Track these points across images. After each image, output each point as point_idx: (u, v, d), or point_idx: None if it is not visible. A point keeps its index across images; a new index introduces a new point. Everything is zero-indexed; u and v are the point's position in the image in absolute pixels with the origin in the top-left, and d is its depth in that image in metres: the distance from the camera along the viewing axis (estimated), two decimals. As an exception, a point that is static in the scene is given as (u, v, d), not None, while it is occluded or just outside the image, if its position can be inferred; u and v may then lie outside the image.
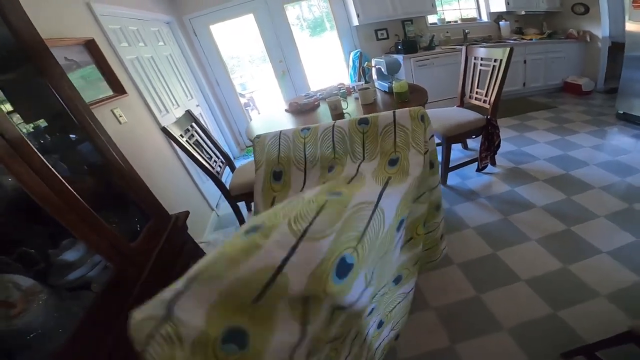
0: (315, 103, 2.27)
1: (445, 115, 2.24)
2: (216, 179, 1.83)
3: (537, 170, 2.32)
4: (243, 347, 0.45)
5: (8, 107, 0.93)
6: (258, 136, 1.11)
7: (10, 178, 0.74)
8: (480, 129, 2.14)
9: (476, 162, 2.33)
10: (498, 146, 2.22)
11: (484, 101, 2.17)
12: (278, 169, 1.05)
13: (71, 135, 1.08)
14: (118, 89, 1.81)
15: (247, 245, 0.52)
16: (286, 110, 2.27)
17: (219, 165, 2.02)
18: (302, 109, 2.19)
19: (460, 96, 2.44)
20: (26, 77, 0.92)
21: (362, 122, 1.00)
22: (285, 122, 2.07)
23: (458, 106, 2.45)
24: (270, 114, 2.37)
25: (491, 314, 1.36)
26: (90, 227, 0.83)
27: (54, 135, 1.06)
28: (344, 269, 0.55)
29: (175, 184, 2.20)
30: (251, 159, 1.11)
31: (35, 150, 0.72)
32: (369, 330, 0.83)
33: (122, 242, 0.92)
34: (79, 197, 0.81)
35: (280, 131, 1.08)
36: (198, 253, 1.35)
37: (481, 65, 2.22)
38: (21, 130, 0.96)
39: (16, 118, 0.95)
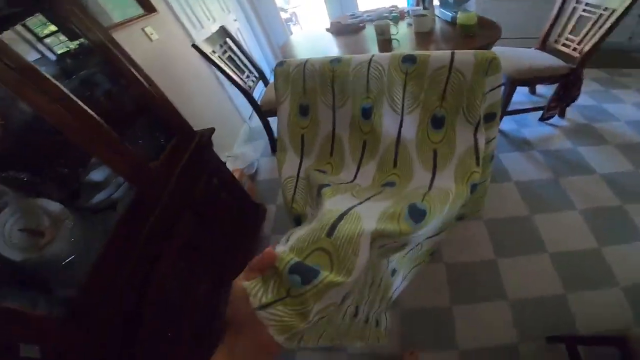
0: (361, 25, 1.98)
1: (517, 55, 1.88)
2: (247, 94, 1.83)
3: (611, 132, 1.97)
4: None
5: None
6: (281, 63, 0.94)
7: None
8: (558, 77, 1.78)
9: (541, 110, 2.02)
10: (574, 99, 1.87)
11: (574, 49, 1.78)
12: (304, 103, 0.92)
13: (94, 59, 1.04)
14: (148, 7, 1.73)
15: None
16: (327, 30, 2.03)
17: (252, 80, 2.02)
18: (344, 30, 1.94)
19: (544, 38, 2.02)
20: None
21: (408, 59, 0.79)
22: (325, 42, 1.88)
23: (537, 48, 2.05)
24: (310, 32, 2.17)
25: (500, 282, 1.32)
26: (112, 149, 0.83)
27: (77, 59, 1.03)
28: (417, 213, 0.55)
29: (209, 97, 2.21)
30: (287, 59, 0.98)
31: (47, 75, 0.70)
32: (383, 275, 0.83)
33: (143, 163, 0.93)
34: (100, 120, 0.80)
35: (307, 59, 0.91)
36: (221, 170, 1.37)
37: (584, 11, 1.78)
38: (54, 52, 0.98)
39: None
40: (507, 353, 1.14)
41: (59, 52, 1.01)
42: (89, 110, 0.77)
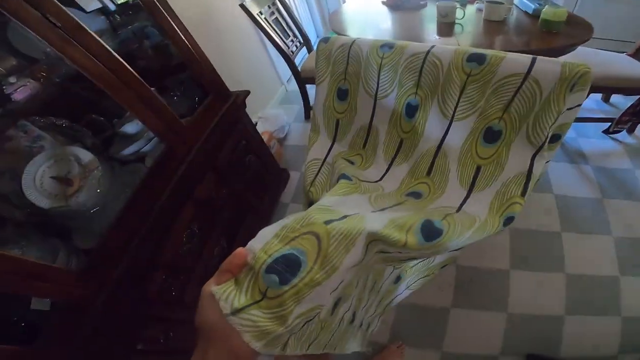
0: (422, 2, 1.82)
1: (601, 59, 1.66)
2: (288, 59, 1.83)
3: (680, 161, 1.73)
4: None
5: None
6: (325, 39, 0.85)
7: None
8: (642, 90, 1.55)
9: (608, 122, 1.80)
10: (653, 117, 1.64)
11: None
12: (344, 87, 0.84)
13: (141, 13, 1.07)
14: None
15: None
16: (383, 3, 1.90)
17: (296, 45, 2.00)
18: (403, 5, 1.79)
19: None
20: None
21: (475, 58, 0.64)
22: (378, 16, 1.77)
23: (629, 54, 1.78)
24: (365, 2, 2.03)
25: (506, 294, 1.29)
26: (146, 105, 0.85)
27: (124, 15, 1.06)
28: (431, 231, 0.50)
29: (249, 55, 2.20)
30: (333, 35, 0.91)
31: (90, 31, 0.71)
32: (385, 281, 0.82)
33: (176, 120, 0.95)
34: (136, 74, 0.82)
35: (354, 40, 0.81)
36: (252, 133, 1.37)
37: None
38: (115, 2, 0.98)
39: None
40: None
41: (119, 1, 1.02)
42: (127, 66, 0.80)
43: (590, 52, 1.75)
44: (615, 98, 2.18)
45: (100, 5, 0.98)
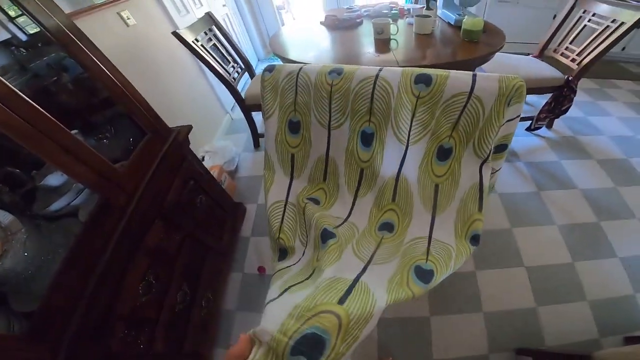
0: (358, 20, 1.89)
1: (515, 64, 1.87)
2: (230, 86, 1.75)
3: (595, 146, 2.00)
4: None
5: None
6: (270, 68, 0.80)
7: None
8: (552, 88, 1.77)
9: (529, 120, 2.02)
10: (565, 111, 1.86)
11: (573, 60, 1.76)
12: (295, 119, 0.79)
13: (52, 48, 0.95)
14: None
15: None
16: (321, 23, 1.94)
17: (237, 72, 1.92)
18: (340, 25, 1.85)
19: (543, 46, 2.01)
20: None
21: (422, 79, 0.66)
22: (318, 37, 1.79)
23: (534, 56, 2.03)
24: (303, 24, 2.06)
25: (478, 294, 1.34)
26: (68, 152, 0.73)
27: (37, 46, 0.93)
28: (423, 274, 0.56)
29: (189, 86, 2.10)
30: (276, 63, 0.85)
31: None
32: None
33: (108, 167, 0.83)
34: (52, 118, 0.70)
35: (301, 67, 0.78)
36: (199, 171, 1.28)
37: (589, 21, 1.75)
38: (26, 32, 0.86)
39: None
40: (478, 364, 1.16)
41: (31, 32, 0.91)
42: (40, 109, 0.67)
43: (503, 57, 1.95)
44: (530, 98, 2.45)
45: (9, 36, 0.85)
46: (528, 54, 2.05)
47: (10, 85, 0.63)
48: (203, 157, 1.94)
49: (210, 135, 2.31)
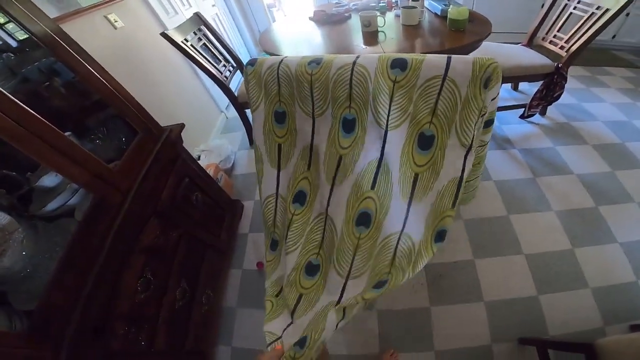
0: (346, 14, 1.90)
1: (504, 52, 1.87)
2: (222, 85, 1.75)
3: (590, 132, 2.00)
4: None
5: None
6: (252, 62, 0.82)
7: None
8: (543, 75, 1.78)
9: (522, 108, 2.03)
10: (557, 98, 1.87)
11: (562, 47, 1.78)
12: (280, 109, 0.82)
13: (41, 52, 0.95)
14: None
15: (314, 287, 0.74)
16: (310, 19, 1.94)
17: (229, 70, 1.92)
18: (328, 19, 1.85)
19: (531, 35, 2.02)
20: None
21: (397, 64, 0.67)
22: (307, 32, 1.80)
23: (524, 45, 2.04)
24: (292, 20, 2.06)
25: (477, 283, 1.33)
26: (62, 153, 0.73)
27: (27, 51, 0.93)
28: (380, 285, 0.64)
29: (182, 87, 2.10)
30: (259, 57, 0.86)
31: None
32: None
33: (102, 167, 0.83)
34: (43, 119, 0.70)
35: (282, 59, 0.79)
36: (192, 168, 1.28)
37: (575, 8, 1.77)
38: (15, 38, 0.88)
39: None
40: (481, 353, 1.16)
41: (21, 38, 0.92)
42: (30, 111, 0.68)
43: (493, 47, 1.96)
44: (522, 86, 2.47)
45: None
46: (518, 44, 2.06)
47: (1, 89, 0.63)
48: (199, 156, 1.94)
49: (206, 135, 2.31)
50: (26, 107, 0.68)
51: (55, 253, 0.81)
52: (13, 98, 0.65)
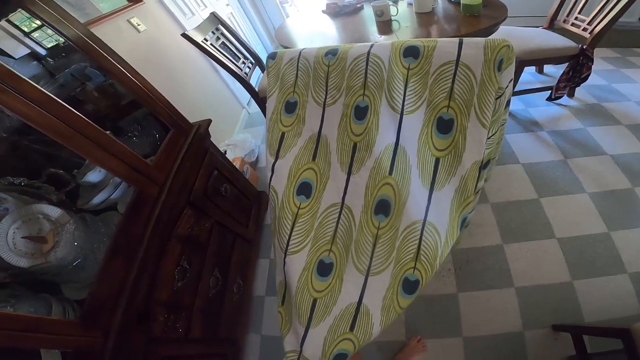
0: (358, 5, 1.89)
1: (525, 35, 1.80)
2: (243, 81, 1.77)
3: (622, 112, 1.90)
4: None
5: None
6: (273, 55, 0.86)
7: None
8: (568, 57, 1.70)
9: (549, 90, 1.95)
10: (585, 79, 1.78)
11: (584, 29, 1.70)
12: (293, 99, 0.83)
13: (77, 56, 1.01)
14: None
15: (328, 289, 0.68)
16: (323, 12, 1.94)
17: (248, 67, 1.94)
18: (341, 12, 1.85)
19: (551, 18, 1.94)
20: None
21: (410, 52, 0.68)
22: (321, 25, 1.80)
23: (545, 28, 1.96)
24: (306, 14, 2.07)
25: (507, 268, 1.30)
26: (104, 149, 0.79)
27: (62, 56, 0.99)
28: (410, 286, 0.62)
29: (205, 85, 2.16)
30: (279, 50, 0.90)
31: (25, 78, 0.64)
32: None
33: (140, 161, 0.89)
34: (86, 118, 0.76)
35: (300, 51, 0.82)
36: (221, 161, 1.33)
37: None
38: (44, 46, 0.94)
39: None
40: (512, 340, 1.14)
41: (49, 45, 0.97)
42: (74, 111, 0.73)
43: (512, 30, 1.88)
44: (547, 68, 2.38)
45: (28, 51, 0.92)
46: (538, 27, 1.98)
47: (46, 91, 0.68)
48: (225, 151, 2.00)
49: (230, 130, 2.38)
50: (71, 109, 0.73)
51: (103, 243, 0.86)
52: (58, 100, 0.71)
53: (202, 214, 1.12)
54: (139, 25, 1.62)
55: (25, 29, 0.91)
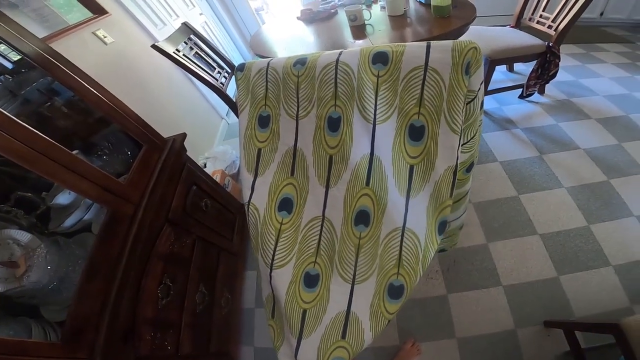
0: (332, 11, 1.89)
1: (494, 35, 1.85)
2: (219, 92, 1.71)
3: (591, 107, 1.99)
4: None
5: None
6: (241, 67, 0.84)
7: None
8: (536, 55, 1.77)
9: (520, 88, 2.01)
10: (553, 76, 1.86)
11: (549, 27, 1.77)
12: (265, 113, 0.81)
13: (37, 73, 0.94)
14: (95, 8, 1.58)
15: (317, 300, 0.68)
16: (298, 18, 1.94)
17: (224, 77, 1.87)
18: (316, 17, 1.85)
19: (518, 16, 2.01)
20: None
21: (379, 59, 0.68)
22: (297, 31, 1.79)
23: (512, 27, 2.04)
24: (281, 21, 2.06)
25: (494, 267, 1.31)
26: (72, 171, 0.75)
27: (20, 73, 0.93)
28: (396, 291, 0.63)
29: (181, 98, 2.11)
30: (247, 61, 0.87)
31: None
32: None
33: (111, 180, 0.85)
34: (52, 140, 0.71)
35: (269, 62, 0.80)
36: (198, 176, 1.29)
37: None
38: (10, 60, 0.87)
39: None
40: (505, 338, 1.14)
41: (15, 59, 0.91)
42: (37, 132, 0.68)
43: (481, 30, 1.95)
44: (518, 66, 2.47)
45: None
46: (506, 26, 2.05)
47: (5, 112, 0.64)
48: (205, 164, 1.94)
49: (209, 142, 2.32)
50: (32, 129, 0.68)
51: (78, 265, 0.84)
52: (19, 121, 0.66)
53: (183, 230, 1.08)
54: (105, 37, 1.56)
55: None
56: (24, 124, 0.67)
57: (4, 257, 0.73)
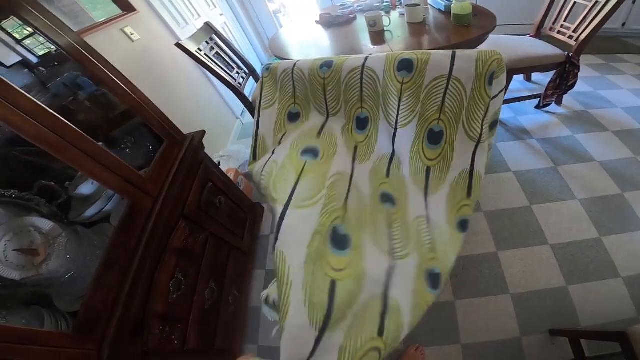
0: (351, 16, 1.92)
1: (513, 44, 1.84)
2: (237, 91, 1.76)
3: (609, 119, 1.95)
4: None
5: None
6: (267, 67, 0.87)
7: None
8: (555, 65, 1.75)
9: (537, 98, 2.00)
10: (571, 87, 1.83)
11: (570, 37, 1.76)
12: (295, 110, 0.85)
13: (69, 65, 1.00)
14: (126, 6, 1.66)
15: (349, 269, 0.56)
16: (316, 22, 1.97)
17: (242, 77, 1.93)
18: (334, 22, 1.88)
19: (538, 26, 2.00)
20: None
21: (404, 66, 0.69)
22: (315, 35, 1.82)
23: (532, 36, 2.02)
24: (299, 25, 2.09)
25: (502, 276, 1.31)
26: (97, 162, 0.78)
27: (54, 65, 0.98)
28: (434, 280, 0.58)
29: (198, 96, 2.16)
30: (273, 61, 0.91)
31: (18, 88, 0.64)
32: None
33: (133, 173, 0.88)
34: (78, 130, 0.74)
35: (295, 63, 0.83)
36: (215, 172, 1.32)
37: None
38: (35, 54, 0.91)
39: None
40: (510, 346, 1.14)
41: (40, 53, 0.96)
42: (67, 122, 0.72)
43: (501, 39, 1.93)
44: (535, 76, 2.44)
45: (20, 59, 0.90)
46: (525, 35, 2.04)
47: (38, 102, 0.67)
48: (219, 162, 1.99)
49: (224, 141, 2.37)
50: (64, 120, 0.72)
51: (96, 256, 0.85)
52: (52, 111, 0.69)
53: (197, 226, 1.11)
54: (132, 34, 1.62)
55: (17, 37, 0.89)
56: (55, 113, 0.70)
57: (23, 244, 0.73)
